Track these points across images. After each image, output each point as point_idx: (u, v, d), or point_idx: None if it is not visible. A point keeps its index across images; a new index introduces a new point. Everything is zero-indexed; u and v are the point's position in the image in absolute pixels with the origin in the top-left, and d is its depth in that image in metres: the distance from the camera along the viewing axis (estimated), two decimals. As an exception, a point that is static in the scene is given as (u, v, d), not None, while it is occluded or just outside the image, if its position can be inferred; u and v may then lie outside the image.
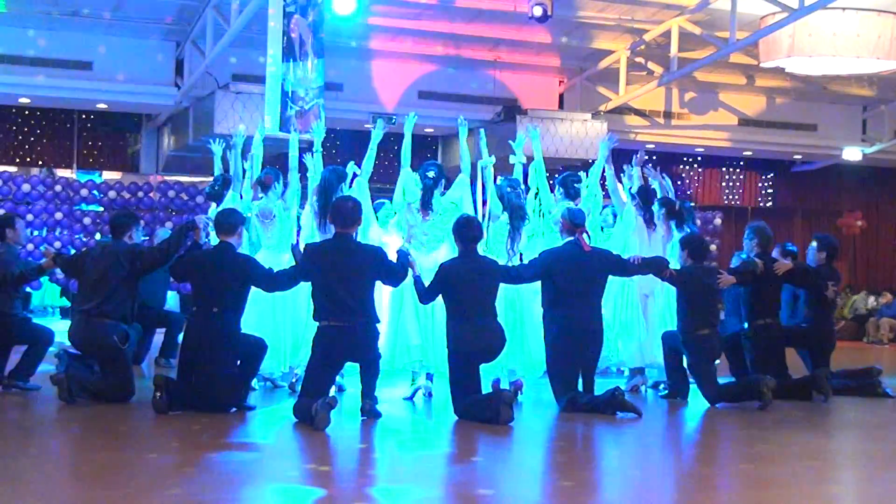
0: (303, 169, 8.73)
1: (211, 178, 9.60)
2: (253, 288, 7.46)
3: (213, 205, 9.07)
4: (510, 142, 9.16)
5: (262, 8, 12.09)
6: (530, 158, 9.03)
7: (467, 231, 7.51)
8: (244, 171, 8.76)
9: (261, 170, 8.73)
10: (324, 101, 12.20)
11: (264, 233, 8.44)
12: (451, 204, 8.41)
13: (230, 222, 7.46)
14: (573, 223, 7.91)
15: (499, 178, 8.71)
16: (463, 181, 8.59)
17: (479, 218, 8.26)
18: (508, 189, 8.47)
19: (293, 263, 7.48)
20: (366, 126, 16.44)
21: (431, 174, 8.29)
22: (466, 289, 7.33)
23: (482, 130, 9.78)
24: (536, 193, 8.85)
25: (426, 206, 8.29)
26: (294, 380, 8.34)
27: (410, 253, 7.65)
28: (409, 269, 7.45)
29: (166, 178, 17.56)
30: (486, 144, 9.21)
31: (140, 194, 16.28)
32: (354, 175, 8.55)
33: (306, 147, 8.94)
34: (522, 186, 8.68)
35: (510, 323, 7.99)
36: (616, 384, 7.89)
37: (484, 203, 8.94)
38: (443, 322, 7.54)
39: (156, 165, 18.48)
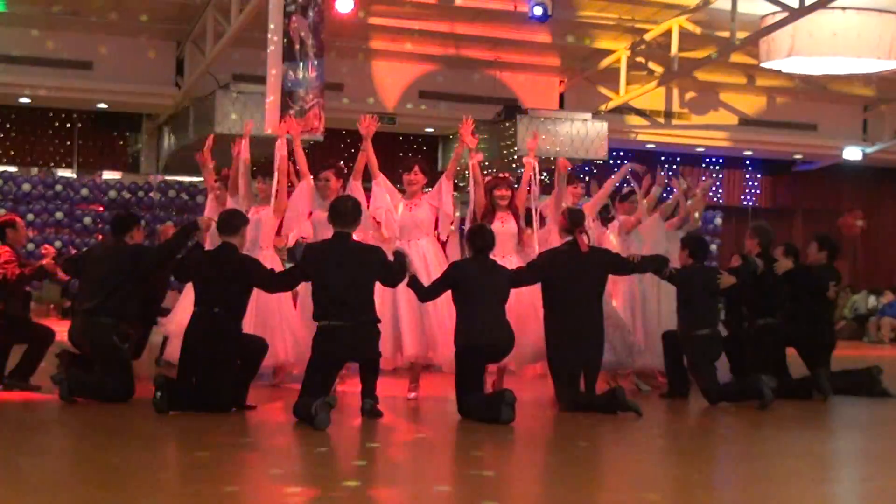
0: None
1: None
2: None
3: None
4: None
5: (262, 8, 12.09)
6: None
7: (478, 240, 7.54)
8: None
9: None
10: (324, 101, 12.20)
11: None
12: None
13: (232, 223, 7.46)
14: (572, 223, 7.91)
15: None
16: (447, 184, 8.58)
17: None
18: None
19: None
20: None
21: None
22: (477, 288, 7.34)
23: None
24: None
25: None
26: None
27: (407, 253, 7.65)
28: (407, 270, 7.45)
29: (166, 178, 17.56)
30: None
31: (140, 194, 16.28)
32: None
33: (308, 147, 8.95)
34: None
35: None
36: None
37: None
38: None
39: (156, 165, 18.49)
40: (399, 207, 8.42)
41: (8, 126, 17.89)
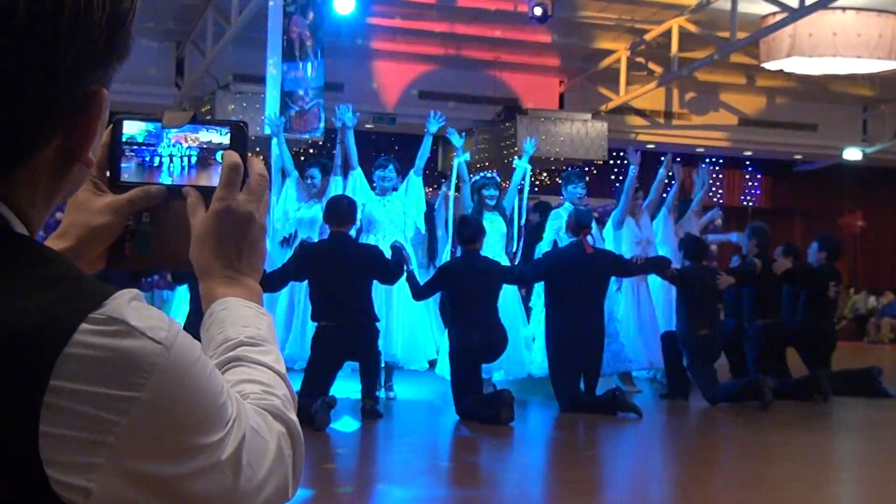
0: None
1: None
2: None
3: None
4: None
5: (262, 8, 12.09)
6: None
7: (464, 231, 7.52)
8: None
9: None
10: (324, 101, 12.21)
11: None
12: None
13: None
14: (578, 224, 7.91)
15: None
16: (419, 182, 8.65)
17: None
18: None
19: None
20: (366, 126, 16.49)
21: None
22: (468, 288, 7.33)
23: (453, 129, 9.87)
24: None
25: None
26: None
27: (405, 247, 7.63)
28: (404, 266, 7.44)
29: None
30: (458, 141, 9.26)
31: (140, 194, 16.31)
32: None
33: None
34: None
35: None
36: (616, 384, 7.90)
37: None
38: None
39: (156, 165, 18.48)
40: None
41: (8, 126, 17.89)
